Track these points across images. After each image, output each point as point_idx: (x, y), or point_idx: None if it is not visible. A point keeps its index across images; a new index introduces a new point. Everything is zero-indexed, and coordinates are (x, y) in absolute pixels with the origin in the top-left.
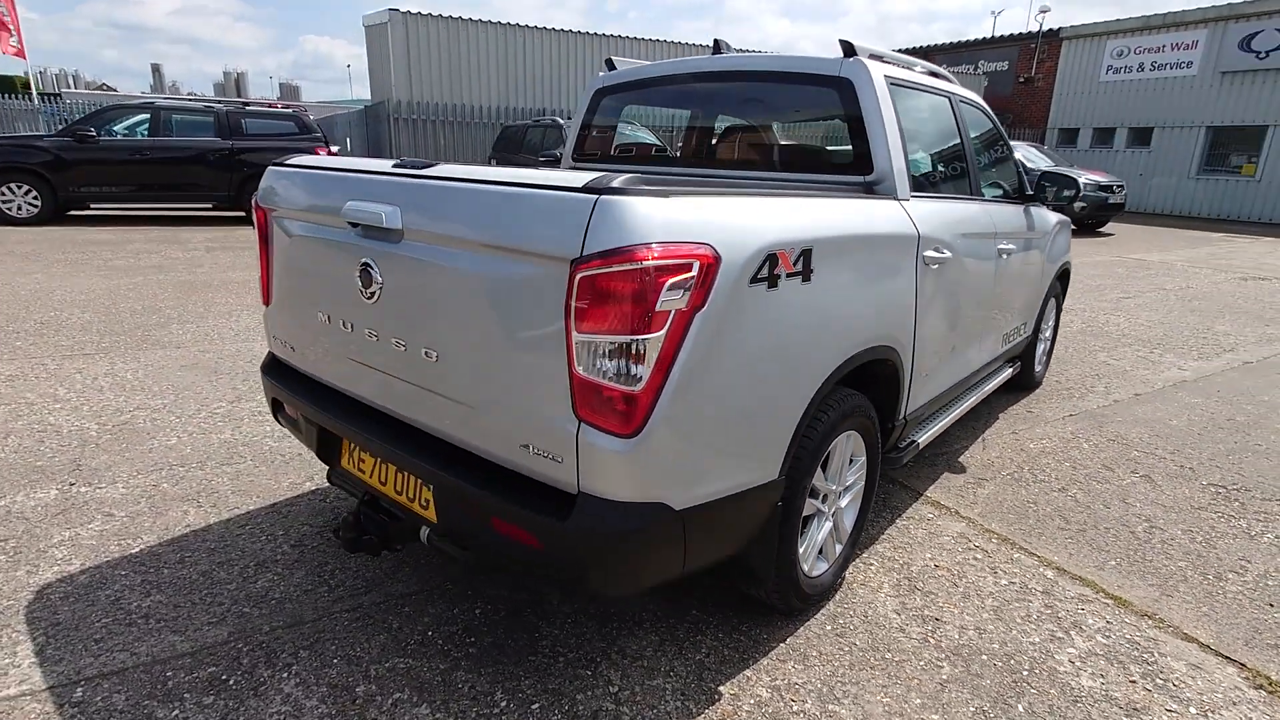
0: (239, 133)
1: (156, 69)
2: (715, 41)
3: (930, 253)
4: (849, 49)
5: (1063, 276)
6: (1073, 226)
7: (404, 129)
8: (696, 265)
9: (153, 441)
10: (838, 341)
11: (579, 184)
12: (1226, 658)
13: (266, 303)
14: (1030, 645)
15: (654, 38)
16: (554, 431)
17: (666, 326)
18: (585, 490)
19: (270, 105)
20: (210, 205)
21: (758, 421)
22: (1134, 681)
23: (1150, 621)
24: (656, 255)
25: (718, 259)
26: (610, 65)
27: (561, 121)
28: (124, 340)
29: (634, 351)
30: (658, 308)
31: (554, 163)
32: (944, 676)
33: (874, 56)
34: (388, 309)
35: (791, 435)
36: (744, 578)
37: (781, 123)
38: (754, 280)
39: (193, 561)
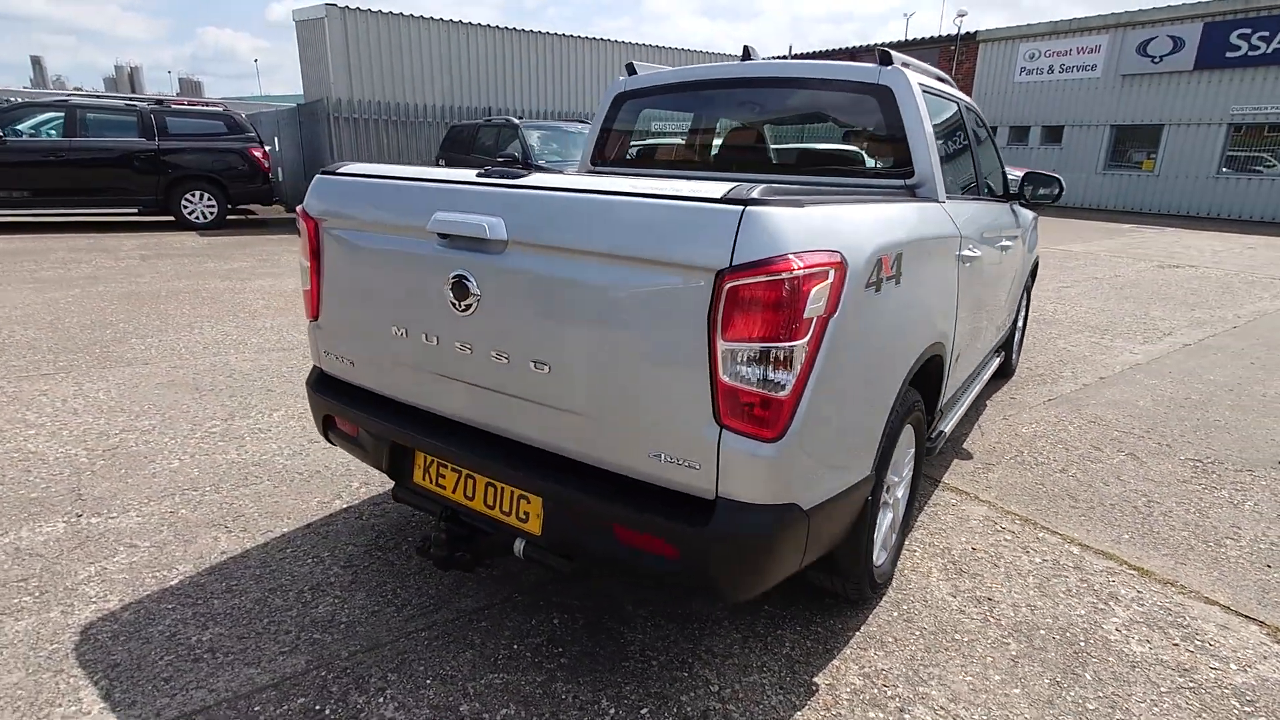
0: (164, 133)
1: (37, 61)
2: (745, 49)
3: (966, 251)
4: (886, 57)
5: (1034, 269)
6: None
7: (345, 129)
8: (833, 273)
9: (153, 465)
10: (916, 340)
11: (717, 195)
12: (1247, 617)
13: (314, 317)
14: (1079, 618)
15: (597, 36)
16: (691, 439)
17: (810, 333)
18: (724, 495)
19: (199, 104)
20: (136, 210)
21: (864, 420)
22: (1176, 645)
23: (1174, 589)
24: (803, 264)
25: (845, 265)
26: (631, 70)
27: (516, 121)
28: (83, 358)
29: (781, 358)
30: (804, 315)
31: (511, 162)
32: (1013, 653)
33: (905, 64)
34: (486, 322)
35: (883, 432)
36: (825, 571)
37: (820, 128)
38: (867, 284)
39: (241, 590)
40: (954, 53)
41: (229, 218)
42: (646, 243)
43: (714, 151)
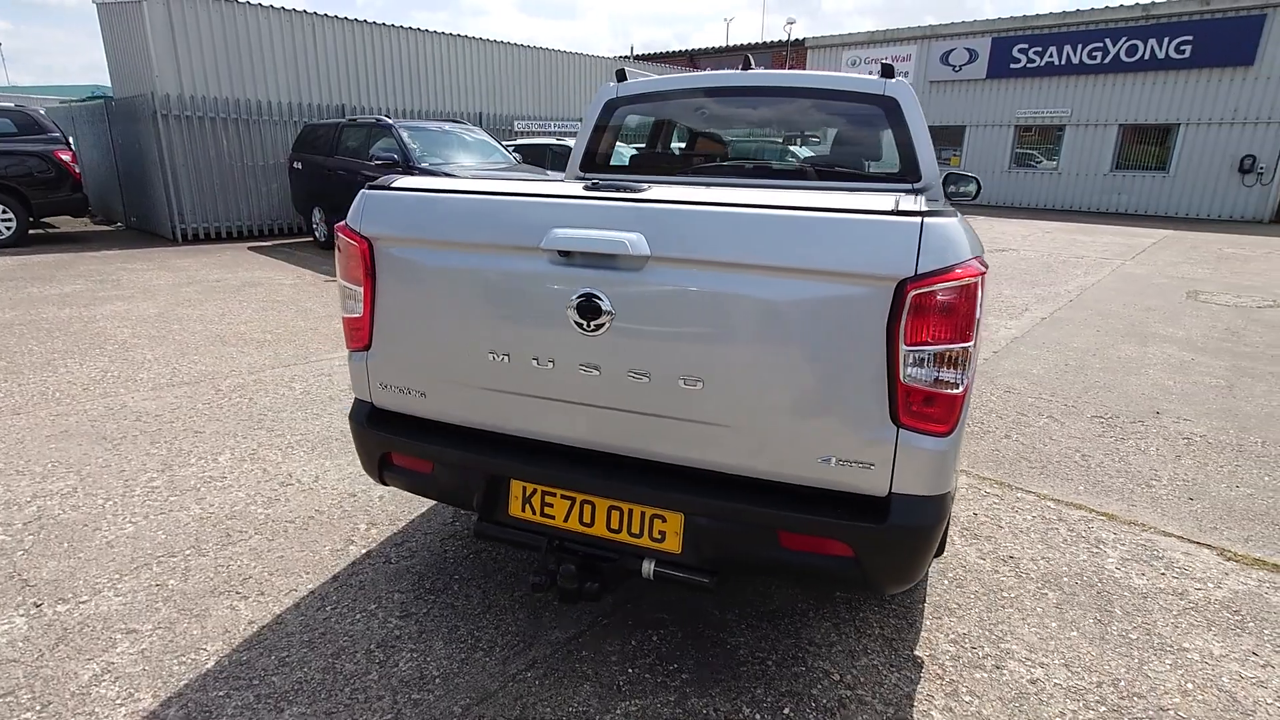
0: None
1: None
2: (745, 58)
3: None
4: (889, 71)
5: None
6: None
7: (176, 128)
8: (982, 278)
9: (101, 534)
10: None
11: (888, 207)
12: (1198, 543)
13: (363, 346)
14: (1085, 563)
15: (464, 34)
16: (866, 440)
17: (976, 332)
18: (897, 491)
19: None
20: None
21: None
22: (1163, 574)
23: (1138, 527)
24: (975, 271)
25: (987, 270)
26: (621, 76)
27: (389, 120)
28: None
29: (956, 358)
30: (976, 316)
31: (391, 166)
32: (1054, 601)
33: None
34: (620, 341)
35: None
36: None
37: (826, 136)
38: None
39: (299, 661)
40: (785, 57)
41: (30, 232)
42: (814, 255)
43: (716, 158)
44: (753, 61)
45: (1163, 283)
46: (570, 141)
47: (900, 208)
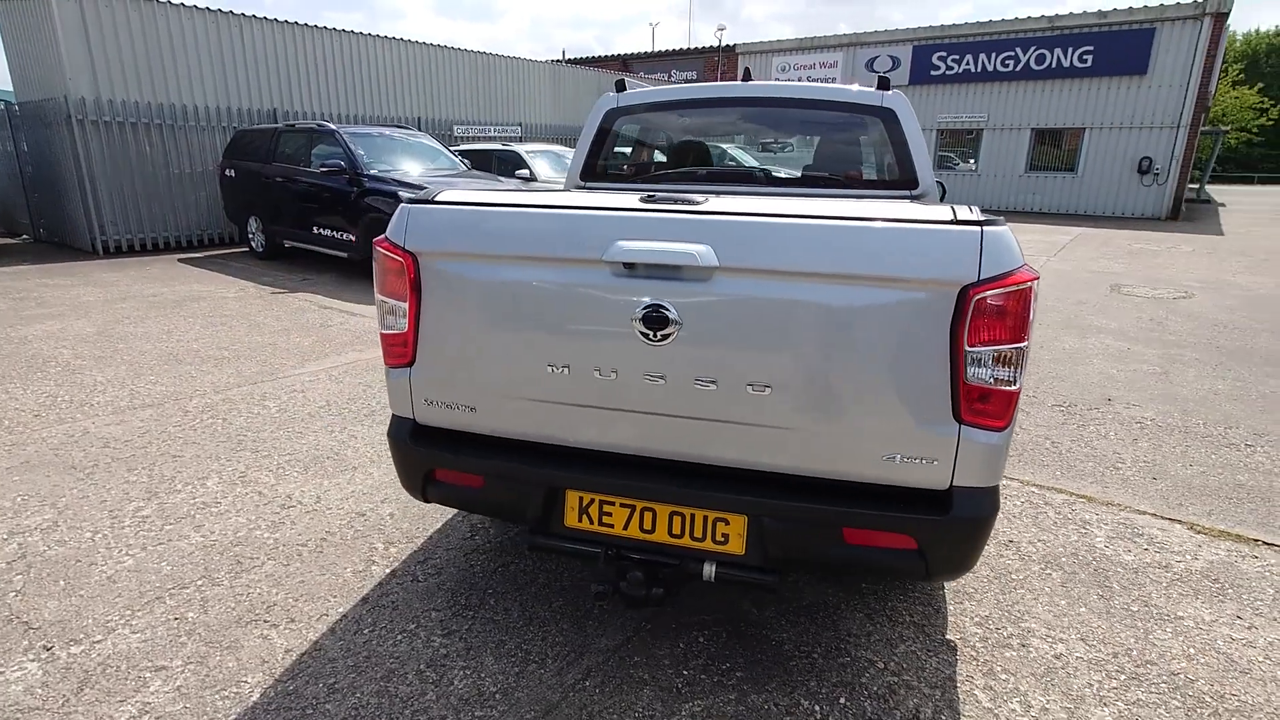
0: None
1: None
2: (745, 70)
3: None
4: (884, 84)
5: None
6: None
7: (93, 134)
8: (1035, 282)
9: (98, 569)
10: None
11: (947, 217)
12: (1170, 519)
13: (407, 363)
14: (1077, 542)
15: (397, 36)
16: (929, 437)
17: (1029, 332)
18: (958, 484)
19: None
20: None
21: None
22: (1145, 549)
23: (1115, 507)
24: (1030, 275)
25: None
26: (621, 86)
27: (332, 126)
28: None
29: (1014, 357)
30: (1030, 317)
31: (336, 172)
32: (1058, 580)
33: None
34: (687, 350)
35: None
36: None
37: (825, 145)
38: None
39: (350, 687)
40: (718, 63)
41: None
42: (879, 263)
43: (717, 167)
44: (752, 74)
45: (1087, 277)
46: (519, 148)
47: (959, 217)
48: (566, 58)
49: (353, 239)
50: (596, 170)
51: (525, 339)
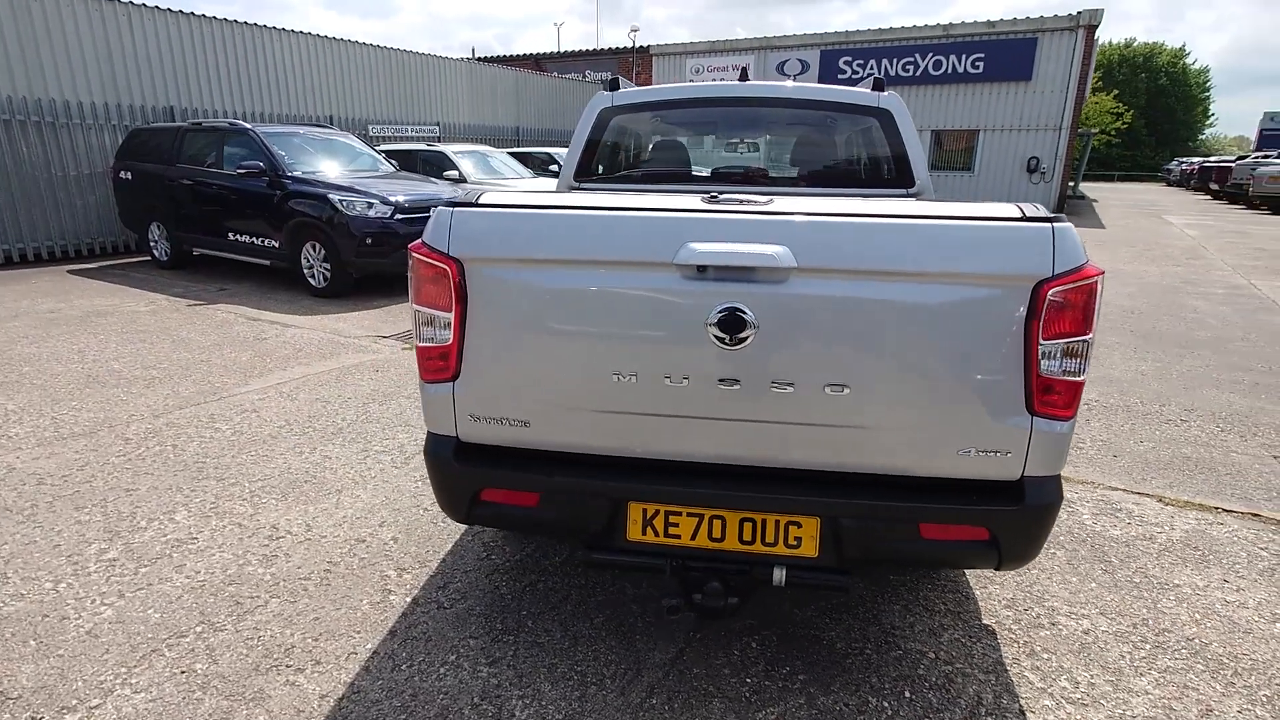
0: None
1: None
2: (743, 70)
3: None
4: (879, 84)
5: None
6: None
7: None
8: (1102, 276)
9: (74, 624)
10: None
11: (1016, 214)
12: (1140, 493)
13: (447, 377)
14: (1068, 521)
15: (308, 31)
16: (1003, 430)
17: (1095, 325)
18: (1028, 475)
19: None
20: None
21: None
22: (1129, 523)
23: (1090, 485)
24: (1096, 270)
25: None
26: (614, 85)
27: (246, 125)
28: None
29: (1081, 350)
30: (1097, 310)
31: (255, 175)
32: (1063, 558)
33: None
34: (763, 353)
35: None
36: None
37: (823, 145)
38: None
39: None
40: (632, 63)
41: None
42: (954, 261)
43: (715, 167)
44: (749, 74)
45: None
46: (445, 148)
47: (1029, 214)
48: (477, 56)
49: (276, 245)
50: (592, 169)
51: (588, 348)
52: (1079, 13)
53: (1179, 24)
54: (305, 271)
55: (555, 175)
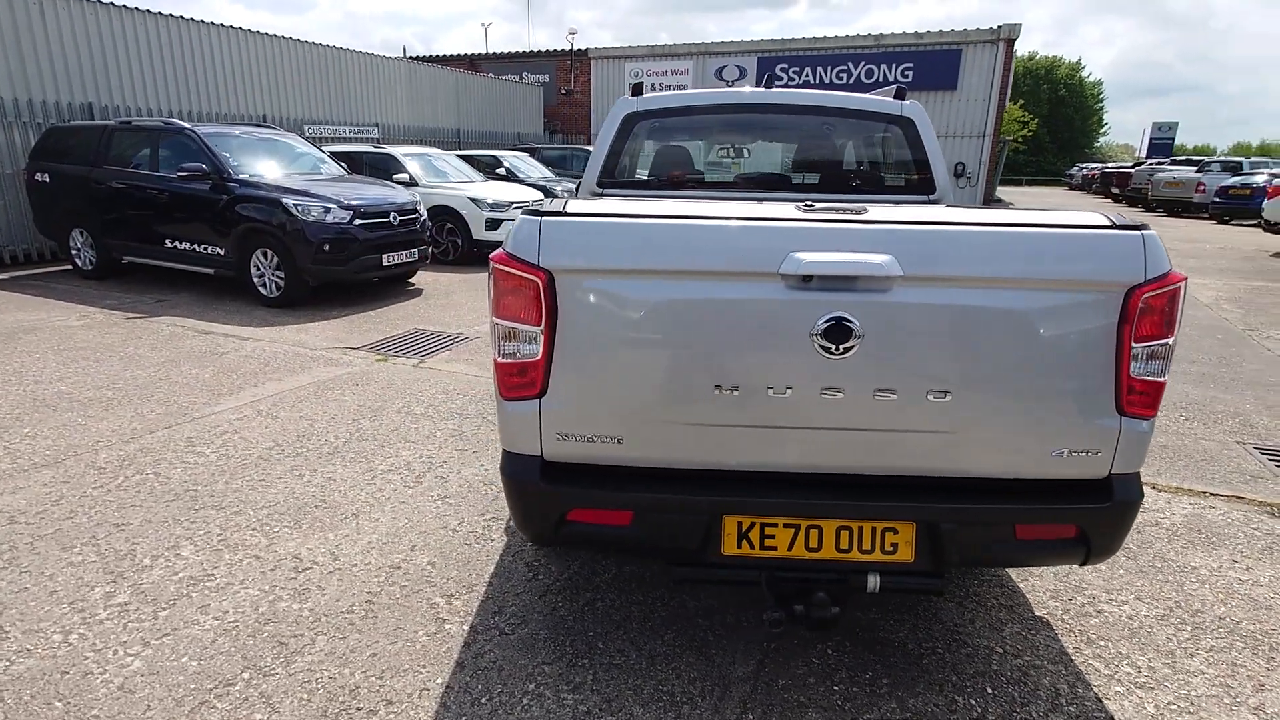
0: None
1: None
2: (767, 77)
3: None
4: (901, 93)
5: None
6: None
7: None
8: (1185, 282)
9: (100, 680)
10: None
11: (1106, 222)
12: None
13: (533, 394)
14: None
15: (234, 25)
16: (1094, 431)
17: (1178, 328)
18: (1115, 473)
19: None
20: None
21: None
22: None
23: None
24: (1181, 276)
25: None
26: (638, 90)
27: (184, 125)
28: None
29: (1164, 352)
30: (1180, 314)
31: (197, 177)
32: None
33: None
34: (868, 362)
35: None
36: None
37: (846, 152)
38: None
39: None
40: (570, 66)
41: None
42: (1054, 267)
43: (742, 173)
44: (774, 81)
45: None
46: (394, 150)
47: (1118, 223)
48: (408, 56)
49: (221, 253)
50: (616, 175)
51: (688, 360)
52: (999, 26)
53: (1072, 38)
54: (255, 280)
55: (504, 179)
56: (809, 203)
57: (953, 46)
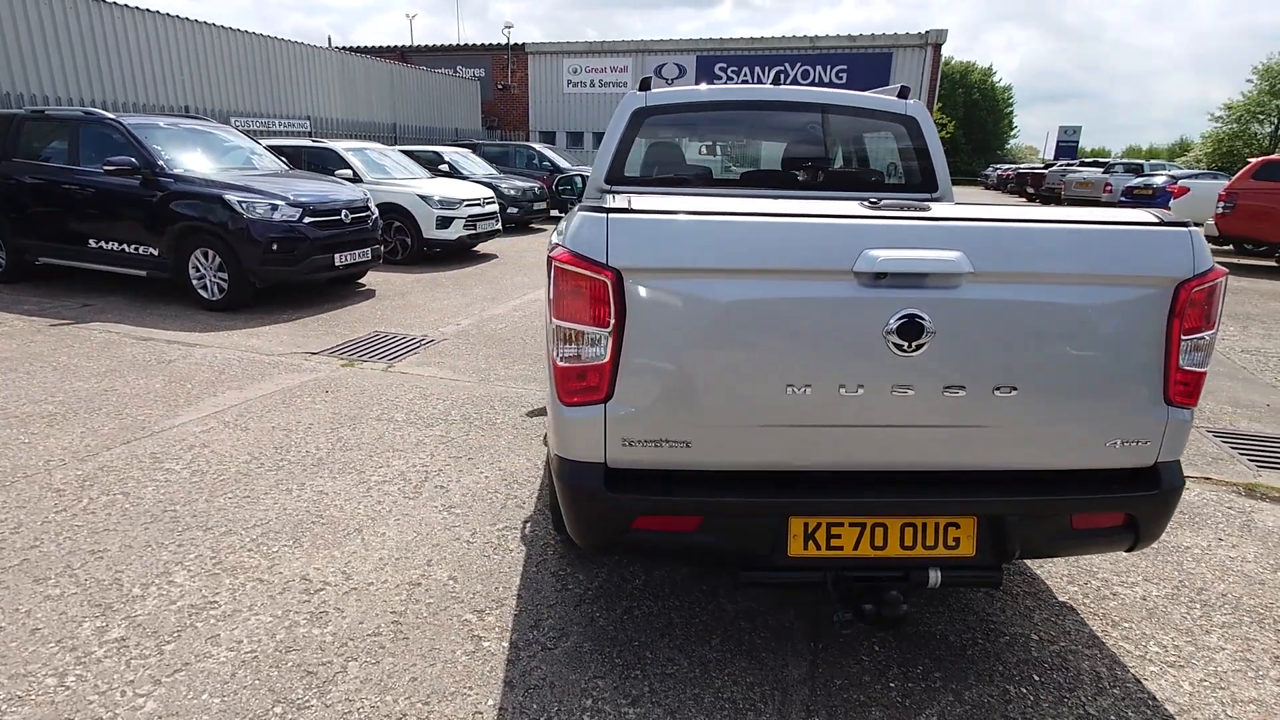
0: None
1: None
2: (776, 74)
3: None
4: (905, 92)
5: None
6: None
7: None
8: (1227, 276)
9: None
10: None
11: (1154, 220)
12: None
13: (597, 399)
14: None
15: (155, 10)
16: (1144, 421)
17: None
18: (1162, 460)
19: None
20: None
21: None
22: None
23: None
24: (1223, 271)
25: None
26: (645, 85)
27: (109, 115)
28: None
29: (1207, 344)
30: (1220, 307)
31: (126, 172)
32: None
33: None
34: (939, 358)
35: None
36: None
37: (852, 149)
38: None
39: None
40: (507, 60)
41: None
42: (1111, 263)
43: (748, 169)
44: (783, 79)
45: None
46: (335, 144)
47: (1167, 219)
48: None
49: (155, 253)
50: (625, 171)
51: (760, 360)
52: (928, 31)
53: (979, 44)
54: (195, 283)
55: (448, 175)
56: (874, 200)
57: (884, 50)
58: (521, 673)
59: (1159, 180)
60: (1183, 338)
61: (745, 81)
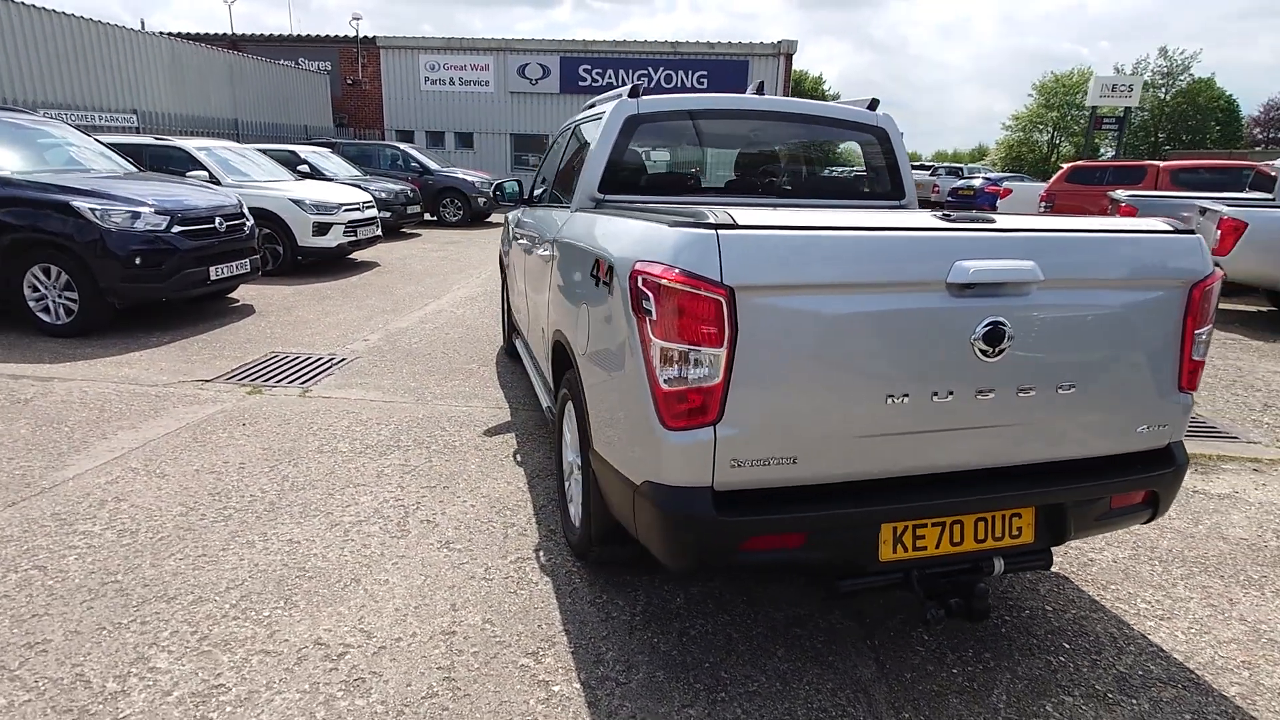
0: None
1: None
2: (759, 84)
3: None
4: (874, 104)
5: None
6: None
7: None
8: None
9: None
10: None
11: (1169, 228)
12: None
13: (707, 421)
14: None
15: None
16: (1164, 406)
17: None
18: (1172, 440)
19: None
20: None
21: None
22: None
23: None
24: (1221, 271)
25: None
26: (635, 93)
27: (53, 116)
28: None
29: (1209, 337)
30: (1215, 305)
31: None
32: None
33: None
34: (1014, 362)
35: None
36: None
37: (825, 159)
38: None
39: None
40: (356, 54)
41: None
42: (1152, 267)
43: (733, 177)
44: (764, 87)
45: None
46: (185, 143)
47: (1178, 228)
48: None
49: None
50: (616, 180)
51: (864, 372)
52: (780, 41)
53: (803, 55)
54: (33, 305)
55: (309, 177)
56: (946, 213)
57: (740, 57)
58: (607, 714)
59: (977, 182)
60: (1195, 332)
61: (610, 84)
